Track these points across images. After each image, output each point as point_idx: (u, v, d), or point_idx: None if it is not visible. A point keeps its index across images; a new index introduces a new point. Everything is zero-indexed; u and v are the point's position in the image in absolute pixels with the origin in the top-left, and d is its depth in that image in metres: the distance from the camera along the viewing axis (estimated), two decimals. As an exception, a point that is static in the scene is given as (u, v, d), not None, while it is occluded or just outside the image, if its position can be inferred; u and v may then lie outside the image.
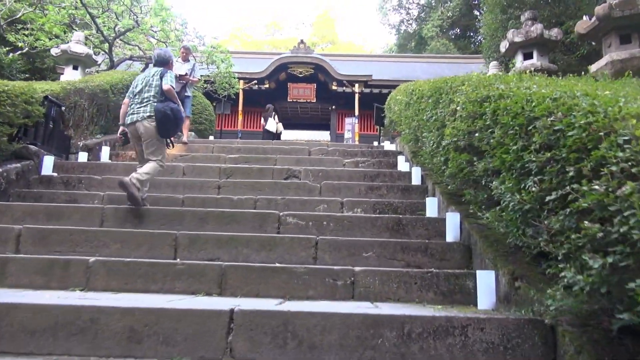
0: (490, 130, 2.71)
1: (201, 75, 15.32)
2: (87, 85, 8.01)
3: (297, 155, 8.26)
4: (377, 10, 31.65)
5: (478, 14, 32.62)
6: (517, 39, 9.13)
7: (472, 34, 33.74)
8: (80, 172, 6.58)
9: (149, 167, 4.82)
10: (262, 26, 49.11)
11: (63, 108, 7.79)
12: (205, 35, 14.30)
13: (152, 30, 13.15)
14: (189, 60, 9.01)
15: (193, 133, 12.80)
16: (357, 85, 17.95)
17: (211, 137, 13.30)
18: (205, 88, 15.58)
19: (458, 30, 31.32)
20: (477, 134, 2.94)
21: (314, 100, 19.39)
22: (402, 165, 7.41)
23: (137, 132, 4.93)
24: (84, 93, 7.98)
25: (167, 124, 4.83)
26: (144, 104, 4.88)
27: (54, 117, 7.10)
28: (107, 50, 13.98)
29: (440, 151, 3.99)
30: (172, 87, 4.94)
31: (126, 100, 5.18)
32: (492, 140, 2.63)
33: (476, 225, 4.07)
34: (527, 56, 9.27)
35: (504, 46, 9.67)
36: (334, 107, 19.52)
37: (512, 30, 9.30)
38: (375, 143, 13.61)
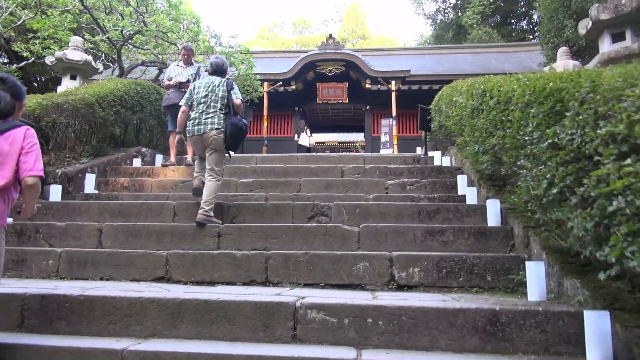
0: None
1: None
2: (66, 99, 6.54)
3: (327, 176, 6.54)
4: (410, 0, 29.48)
5: (520, -3, 30.10)
6: (604, 16, 7.13)
7: (514, 20, 31.22)
8: (43, 215, 5.07)
9: (209, 190, 4.69)
10: (289, 25, 47.58)
11: (40, 126, 6.37)
12: (221, 33, 12.75)
13: (162, 32, 11.66)
14: (192, 64, 7.43)
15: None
16: (393, 82, 16.02)
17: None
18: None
19: (498, 18, 28.88)
20: None
21: (346, 101, 17.58)
22: (465, 190, 5.60)
23: (202, 142, 4.87)
24: (64, 109, 6.50)
25: (239, 138, 4.89)
26: (211, 115, 4.82)
27: (17, 143, 5.63)
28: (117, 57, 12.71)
29: (580, 207, 2.20)
30: (243, 101, 5.04)
31: (185, 107, 5.14)
32: None
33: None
34: (617, 37, 7.25)
35: (584, 26, 7.67)
36: (368, 107, 17.64)
37: (596, 5, 7.30)
38: (418, 150, 11.77)
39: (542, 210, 2.87)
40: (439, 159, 7.72)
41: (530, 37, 30.26)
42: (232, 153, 5.60)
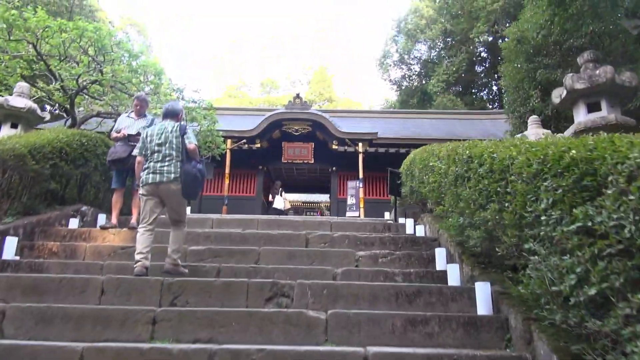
0: None
1: (181, 134, 13.17)
2: (-7, 149, 5.69)
3: (290, 245, 5.83)
4: (377, 66, 30.23)
5: (479, 69, 31.43)
6: (579, 86, 6.97)
7: (475, 90, 32.40)
8: None
9: (177, 238, 4.60)
10: (257, 84, 48.08)
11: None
12: (184, 87, 12.23)
13: (120, 82, 11.04)
14: (145, 116, 6.76)
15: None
16: (360, 144, 15.76)
17: (188, 210, 10.83)
18: (185, 149, 13.33)
19: (460, 88, 29.88)
20: None
21: (312, 161, 17.14)
22: (443, 264, 5.05)
23: (157, 193, 4.58)
24: (-12, 160, 5.64)
25: (196, 186, 4.61)
26: (166, 164, 4.56)
27: None
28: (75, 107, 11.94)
29: (638, 321, 1.58)
30: (197, 145, 4.74)
31: (140, 158, 4.80)
32: None
33: None
34: (592, 107, 7.08)
35: (557, 96, 7.51)
36: (334, 168, 17.25)
37: (571, 75, 7.17)
38: (387, 215, 11.27)
39: (564, 311, 2.24)
40: (411, 227, 7.15)
41: (490, 106, 31.42)
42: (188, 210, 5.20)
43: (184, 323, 3.55)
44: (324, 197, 24.23)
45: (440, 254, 5.23)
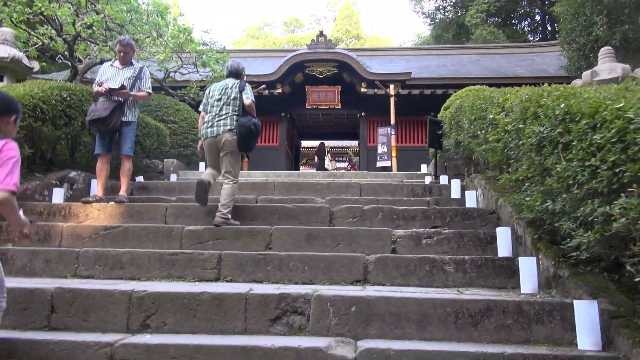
0: None
1: (194, 80, 11.94)
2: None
3: (310, 223, 4.71)
4: (408, -2, 27.68)
5: (522, -3, 28.40)
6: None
7: (516, 20, 29.55)
8: None
9: (227, 193, 4.70)
10: (280, 24, 45.68)
11: None
12: (192, 27, 10.83)
13: (118, 25, 9.74)
14: (131, 64, 5.54)
15: (175, 161, 9.37)
16: (392, 86, 14.13)
17: (202, 166, 9.80)
18: (199, 97, 12.11)
19: (499, 19, 27.17)
20: None
21: (339, 106, 15.67)
22: (507, 249, 3.90)
23: (215, 145, 4.83)
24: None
25: (250, 139, 4.76)
26: (224, 117, 4.80)
27: None
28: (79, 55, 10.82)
29: None
30: (253, 101, 4.84)
31: (203, 113, 5.07)
32: None
33: None
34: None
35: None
36: (363, 114, 15.75)
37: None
38: (423, 168, 9.98)
39: None
40: (458, 190, 5.90)
41: (531, 38, 28.65)
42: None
43: (154, 363, 2.50)
44: (353, 143, 22.91)
45: (503, 235, 4.00)
